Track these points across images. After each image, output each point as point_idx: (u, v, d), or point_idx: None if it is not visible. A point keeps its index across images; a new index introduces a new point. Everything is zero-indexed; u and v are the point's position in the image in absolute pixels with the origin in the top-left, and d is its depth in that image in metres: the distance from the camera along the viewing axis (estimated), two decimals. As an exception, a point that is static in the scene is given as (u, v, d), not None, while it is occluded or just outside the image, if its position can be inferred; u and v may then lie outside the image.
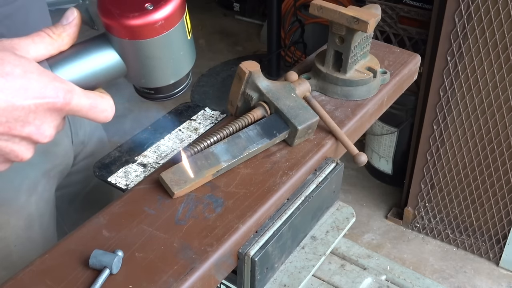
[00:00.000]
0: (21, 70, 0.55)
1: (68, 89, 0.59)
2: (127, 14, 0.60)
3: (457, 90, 2.05)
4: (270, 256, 0.79)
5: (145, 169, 0.89)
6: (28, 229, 1.01)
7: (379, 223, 2.58)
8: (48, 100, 0.57)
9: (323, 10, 0.92)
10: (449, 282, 2.29)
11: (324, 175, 0.87)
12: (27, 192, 0.99)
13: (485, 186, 2.19)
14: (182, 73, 0.69)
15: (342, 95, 0.99)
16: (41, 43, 0.60)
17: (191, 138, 0.95)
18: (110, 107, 0.63)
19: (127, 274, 0.68)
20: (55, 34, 0.61)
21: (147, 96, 0.70)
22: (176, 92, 0.71)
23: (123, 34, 0.61)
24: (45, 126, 0.58)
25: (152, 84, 0.68)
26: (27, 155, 0.60)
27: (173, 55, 0.65)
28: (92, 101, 0.61)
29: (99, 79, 0.64)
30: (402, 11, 2.32)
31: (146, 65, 0.65)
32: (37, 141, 0.59)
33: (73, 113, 0.60)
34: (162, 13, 0.61)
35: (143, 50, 0.63)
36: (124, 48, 0.63)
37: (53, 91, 0.57)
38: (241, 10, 4.18)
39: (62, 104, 0.58)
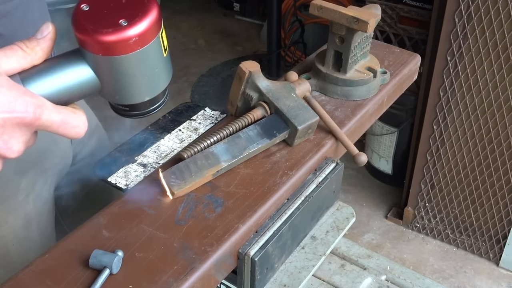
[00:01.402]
0: None
1: (38, 104, 0.57)
2: (101, 30, 0.60)
3: (457, 90, 2.05)
4: (270, 256, 0.79)
5: (145, 169, 0.89)
6: (26, 228, 1.01)
7: (379, 223, 2.58)
8: (17, 114, 0.56)
9: (323, 10, 0.92)
10: (449, 282, 2.29)
11: (324, 175, 0.87)
12: (25, 191, 0.99)
13: (485, 186, 2.19)
14: (157, 91, 0.68)
15: (342, 95, 0.99)
16: (13, 57, 0.59)
17: (191, 138, 0.95)
18: (82, 123, 0.62)
19: (127, 274, 0.68)
20: (28, 48, 0.60)
21: (122, 113, 0.69)
22: (152, 109, 0.70)
23: (97, 49, 0.61)
24: (13, 141, 0.57)
25: (126, 101, 0.67)
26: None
27: (148, 72, 0.65)
28: (63, 117, 0.60)
29: (72, 95, 0.63)
30: (402, 11, 2.32)
31: (120, 82, 0.64)
32: (5, 156, 0.58)
33: (44, 128, 0.59)
34: (136, 29, 0.60)
35: (117, 66, 0.62)
36: (98, 64, 0.62)
37: (22, 106, 0.56)
38: (241, 10, 4.18)
39: (31, 119, 0.57)
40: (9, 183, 0.96)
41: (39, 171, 1.02)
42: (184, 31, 3.99)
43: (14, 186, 0.97)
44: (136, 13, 0.61)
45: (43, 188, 1.04)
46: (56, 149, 1.05)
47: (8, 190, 0.97)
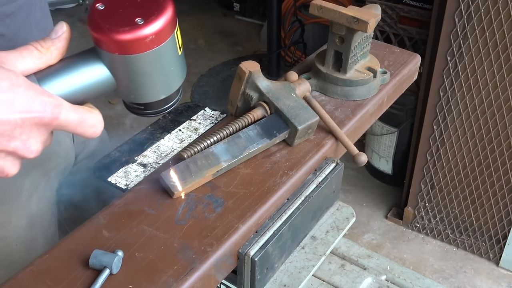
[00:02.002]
0: (8, 84, 0.54)
1: (56, 103, 0.58)
2: (117, 29, 0.60)
3: (457, 90, 2.05)
4: (270, 256, 0.79)
5: (145, 169, 0.89)
6: (29, 228, 1.01)
7: (379, 223, 2.58)
8: (35, 114, 0.56)
9: (323, 10, 0.92)
10: (449, 282, 2.29)
11: (324, 175, 0.87)
12: (28, 192, 0.99)
13: (485, 186, 2.19)
14: (172, 89, 0.68)
15: (342, 95, 0.99)
16: (29, 57, 0.59)
17: (191, 138, 0.95)
18: (98, 122, 0.62)
19: (127, 274, 0.68)
20: (43, 48, 0.60)
21: (137, 111, 0.69)
22: (166, 108, 0.70)
23: (113, 48, 0.61)
24: (31, 141, 0.57)
25: (141, 100, 0.67)
26: (13, 171, 0.59)
27: (163, 70, 0.65)
28: (80, 116, 0.60)
29: (88, 94, 0.63)
30: (402, 11, 2.32)
31: (136, 80, 0.64)
32: (23, 156, 0.58)
33: (61, 128, 0.59)
34: (152, 28, 0.60)
35: (133, 65, 0.62)
36: (114, 63, 0.62)
37: (40, 106, 0.56)
38: (241, 10, 4.18)
39: (49, 119, 0.57)
40: (12, 184, 0.96)
41: (42, 172, 1.02)
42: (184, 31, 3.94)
43: (18, 187, 0.97)
44: (152, 11, 0.61)
45: (46, 189, 1.04)
46: (59, 149, 1.05)
47: (12, 191, 0.97)
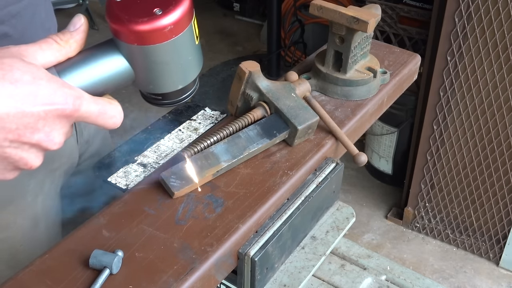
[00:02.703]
0: (30, 77, 0.55)
1: (77, 95, 0.58)
2: (136, 20, 0.60)
3: (457, 90, 2.05)
4: (270, 256, 0.79)
5: (145, 169, 0.89)
6: (34, 228, 1.02)
7: (379, 223, 2.58)
8: (57, 106, 0.56)
9: (323, 10, 0.92)
10: (449, 282, 2.29)
11: (324, 175, 0.87)
12: (33, 192, 1.00)
13: (485, 186, 2.19)
14: (190, 79, 0.68)
15: (342, 95, 0.99)
16: (48, 50, 0.60)
17: (191, 138, 0.95)
18: (118, 113, 0.63)
19: (127, 274, 0.68)
20: (62, 41, 0.61)
21: (154, 102, 0.70)
22: (183, 98, 0.70)
23: (132, 39, 0.61)
24: (54, 133, 0.58)
25: (160, 90, 0.67)
26: (36, 163, 0.60)
27: (181, 60, 0.65)
28: (101, 107, 0.61)
29: (107, 85, 0.64)
30: (402, 11, 2.33)
31: (154, 71, 0.64)
32: (46, 148, 0.59)
33: (82, 119, 0.60)
34: (171, 18, 0.60)
35: (152, 55, 0.62)
36: (133, 53, 0.63)
37: (62, 98, 0.57)
38: (241, 10, 4.18)
39: (71, 110, 0.58)
40: (18, 184, 0.96)
41: (47, 172, 1.02)
42: (184, 31, 3.98)
43: (23, 188, 0.98)
44: (170, 2, 0.61)
45: (51, 189, 1.04)
46: (63, 150, 1.05)
47: (17, 191, 0.97)
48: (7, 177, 0.60)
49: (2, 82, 0.53)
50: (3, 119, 0.54)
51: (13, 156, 0.57)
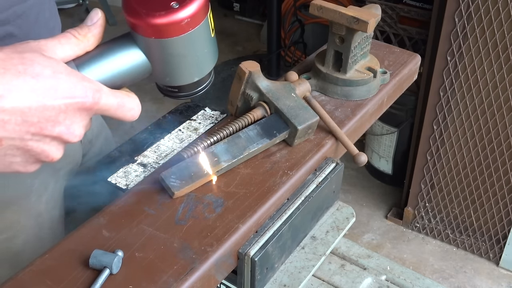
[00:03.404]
0: (51, 71, 0.56)
1: (96, 88, 0.59)
2: (153, 13, 0.61)
3: (457, 90, 2.05)
4: (270, 256, 0.79)
5: (145, 169, 0.89)
6: (38, 228, 1.02)
7: (379, 223, 2.58)
8: (77, 100, 0.57)
9: (323, 10, 0.92)
10: (449, 282, 2.29)
11: (324, 175, 0.87)
12: (37, 192, 1.00)
13: (485, 186, 2.19)
14: (205, 71, 0.69)
15: (342, 95, 0.99)
16: (67, 44, 0.60)
17: (191, 138, 0.95)
18: (136, 106, 0.64)
19: (127, 274, 0.68)
20: (80, 35, 0.62)
21: (170, 94, 0.71)
22: (199, 90, 0.71)
23: (149, 33, 0.62)
24: (75, 126, 0.59)
25: (176, 82, 0.68)
26: (57, 155, 0.61)
27: (198, 52, 0.66)
28: (119, 100, 0.62)
29: (125, 79, 0.65)
30: (402, 11, 2.33)
31: (171, 64, 0.65)
32: (67, 140, 0.60)
33: (102, 112, 0.61)
34: (188, 11, 0.61)
35: (169, 48, 0.63)
36: (150, 47, 0.64)
37: (82, 91, 0.58)
38: (241, 10, 4.18)
39: (91, 103, 0.58)
40: (22, 184, 0.97)
41: (51, 172, 1.03)
42: (184, 31, 3.98)
43: (28, 187, 0.98)
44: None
45: (55, 189, 1.05)
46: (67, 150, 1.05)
47: (22, 191, 0.97)
48: (29, 170, 0.61)
49: (23, 76, 0.54)
50: (25, 113, 0.55)
51: (35, 149, 0.58)
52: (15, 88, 0.54)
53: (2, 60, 0.54)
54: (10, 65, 0.54)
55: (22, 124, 0.55)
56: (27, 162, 0.60)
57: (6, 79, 0.53)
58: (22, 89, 0.54)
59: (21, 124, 0.55)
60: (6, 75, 0.54)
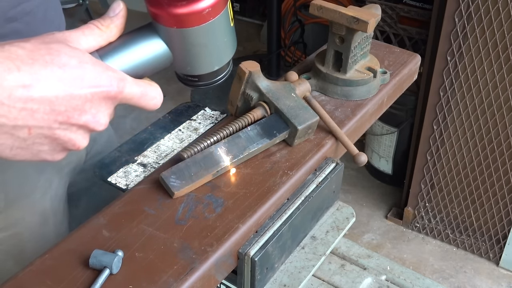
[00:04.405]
0: (77, 61, 0.57)
1: (120, 77, 0.60)
2: (175, 3, 0.61)
3: (457, 90, 2.05)
4: (270, 256, 0.79)
5: (145, 169, 0.89)
6: (42, 225, 1.03)
7: (379, 223, 2.58)
8: (103, 89, 0.59)
9: (323, 10, 0.92)
10: (449, 282, 2.29)
11: (324, 175, 0.87)
12: (42, 189, 1.01)
13: (485, 186, 2.19)
14: (225, 60, 0.70)
15: (342, 95, 0.99)
16: (90, 35, 0.62)
17: (191, 138, 0.95)
18: (158, 95, 0.65)
19: (127, 274, 0.68)
20: (103, 26, 0.63)
21: (190, 83, 0.71)
22: (218, 79, 0.72)
23: (171, 23, 0.63)
24: (100, 114, 0.60)
25: (197, 72, 0.69)
26: (83, 143, 0.62)
27: (218, 42, 0.67)
28: (142, 89, 0.63)
29: (147, 68, 0.66)
30: (402, 11, 2.33)
31: (192, 53, 0.66)
32: (93, 129, 0.61)
33: (126, 101, 0.62)
34: (208, 0, 0.62)
35: (190, 38, 0.64)
36: (171, 36, 0.64)
37: (107, 80, 0.59)
38: (241, 10, 4.18)
39: (116, 92, 0.60)
40: (27, 181, 0.98)
41: (56, 169, 1.04)
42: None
43: (32, 184, 0.99)
44: None
45: (59, 186, 1.06)
46: None
47: (27, 188, 0.98)
48: (56, 158, 0.62)
49: (51, 67, 0.55)
50: (52, 102, 0.56)
51: (62, 137, 0.59)
52: (43, 78, 0.55)
53: (30, 51, 0.55)
54: (38, 55, 0.55)
55: (50, 113, 0.56)
56: (54, 151, 0.61)
57: (34, 69, 0.55)
58: (50, 79, 0.55)
59: (49, 113, 0.56)
60: (35, 66, 0.55)
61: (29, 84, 0.54)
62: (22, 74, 0.54)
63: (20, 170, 0.95)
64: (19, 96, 0.54)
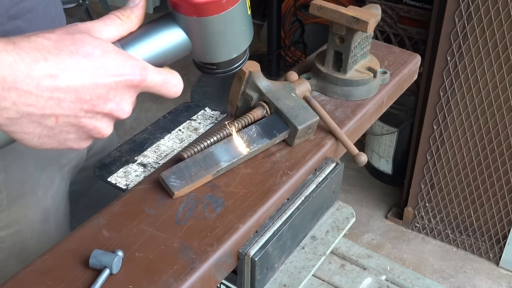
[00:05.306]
0: (100, 50, 0.58)
1: (142, 66, 0.62)
2: None
3: (457, 90, 2.05)
4: (270, 256, 0.79)
5: (145, 169, 0.89)
6: (44, 223, 1.03)
7: (379, 223, 2.58)
8: (126, 77, 0.60)
9: (323, 10, 0.92)
10: (449, 282, 2.29)
11: (324, 175, 0.87)
12: (44, 187, 1.01)
13: (485, 186, 2.19)
14: (243, 48, 0.71)
15: (342, 95, 0.99)
16: (112, 25, 0.63)
17: (191, 138, 0.95)
18: (179, 82, 0.66)
19: (127, 274, 0.68)
20: (124, 16, 0.64)
21: (208, 71, 0.72)
22: (236, 67, 0.73)
23: (191, 11, 0.64)
24: (124, 102, 0.61)
25: (215, 59, 0.70)
26: (108, 131, 0.63)
27: (236, 30, 0.68)
28: (164, 77, 0.64)
29: (167, 57, 0.67)
30: (402, 11, 2.33)
31: (211, 41, 0.67)
32: (118, 117, 0.62)
33: (148, 89, 0.63)
34: None
35: (209, 26, 0.65)
36: (191, 25, 0.66)
37: (130, 69, 0.60)
38: (241, 10, 4.17)
39: (138, 80, 0.61)
40: (29, 179, 0.98)
41: (57, 167, 1.04)
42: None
43: (34, 182, 0.99)
44: None
45: (61, 184, 1.06)
46: None
47: (28, 186, 0.99)
48: (81, 146, 0.64)
49: (76, 56, 0.57)
50: (78, 91, 0.57)
51: (87, 126, 0.61)
52: (69, 67, 0.56)
53: (55, 41, 0.57)
54: (63, 46, 0.57)
55: (76, 102, 0.58)
56: (80, 139, 0.62)
57: (60, 59, 0.56)
58: (75, 68, 0.57)
59: (75, 102, 0.58)
60: (60, 56, 0.56)
61: (55, 74, 0.55)
62: (48, 64, 0.55)
63: (22, 168, 0.96)
64: (46, 86, 0.55)
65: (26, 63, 0.54)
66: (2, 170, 0.92)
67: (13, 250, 0.99)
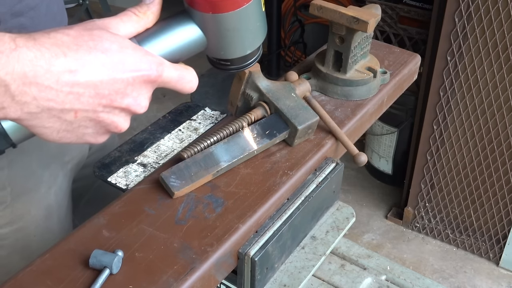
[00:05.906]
0: (118, 46, 0.59)
1: (159, 62, 0.62)
2: None
3: (457, 90, 2.05)
4: (270, 256, 0.79)
5: (145, 169, 0.89)
6: (47, 219, 1.04)
7: (379, 223, 2.58)
8: (143, 72, 0.61)
9: (323, 10, 0.92)
10: (449, 282, 2.29)
11: (324, 175, 0.87)
12: (47, 183, 1.02)
13: (485, 186, 2.19)
14: (257, 44, 0.72)
15: (342, 95, 0.99)
16: (129, 22, 0.64)
17: (191, 138, 0.95)
18: (194, 78, 0.67)
19: (127, 274, 0.68)
20: (140, 13, 0.65)
21: (222, 67, 0.73)
22: (249, 63, 0.74)
23: (206, 8, 0.65)
24: (141, 97, 0.62)
25: (230, 56, 0.71)
26: (125, 126, 0.64)
27: (251, 26, 0.69)
28: (179, 73, 0.65)
29: (182, 53, 0.68)
30: (402, 11, 2.33)
31: (226, 38, 0.68)
32: (135, 111, 0.63)
33: (164, 84, 0.64)
34: None
35: (224, 23, 0.66)
36: (206, 22, 0.66)
37: (147, 64, 0.61)
38: (241, 10, 4.17)
39: (155, 76, 0.62)
40: (32, 176, 0.99)
41: (60, 164, 1.05)
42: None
43: (37, 179, 1.00)
44: None
45: (63, 181, 1.07)
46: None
47: (32, 182, 0.99)
48: (99, 141, 0.64)
49: (95, 52, 0.58)
50: (97, 86, 0.58)
51: (105, 120, 0.61)
52: (87, 63, 0.57)
53: (74, 37, 0.58)
54: (82, 41, 0.58)
55: (95, 97, 0.58)
56: (97, 133, 0.63)
57: (79, 54, 0.57)
58: (94, 64, 0.57)
59: (94, 97, 0.58)
60: (79, 51, 0.57)
61: (75, 69, 0.56)
62: (68, 59, 0.56)
63: (26, 165, 0.96)
64: (66, 81, 0.56)
65: (46, 59, 0.55)
66: (6, 166, 0.93)
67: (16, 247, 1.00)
